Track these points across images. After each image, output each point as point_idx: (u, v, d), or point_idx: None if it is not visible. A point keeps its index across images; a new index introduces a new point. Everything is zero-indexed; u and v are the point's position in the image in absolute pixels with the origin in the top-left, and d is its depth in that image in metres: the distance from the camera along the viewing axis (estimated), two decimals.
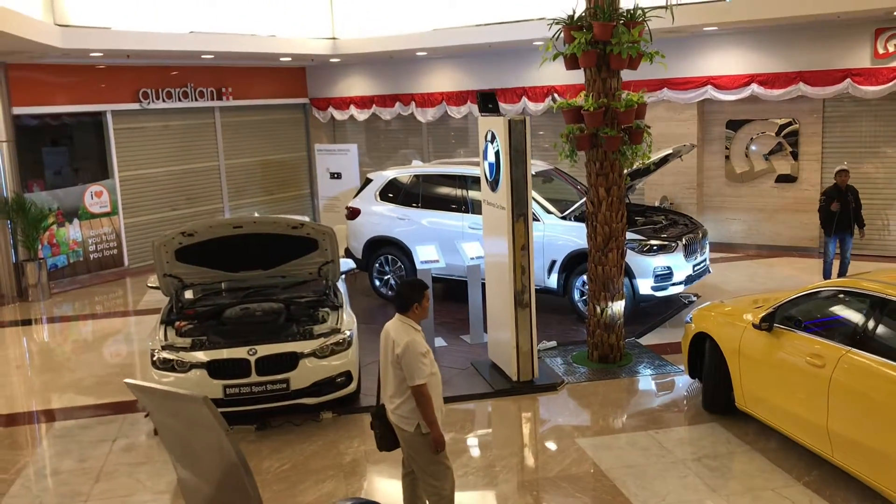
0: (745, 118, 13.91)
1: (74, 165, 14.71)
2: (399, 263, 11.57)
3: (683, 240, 10.04)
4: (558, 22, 8.32)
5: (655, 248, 9.85)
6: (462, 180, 11.28)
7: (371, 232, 11.78)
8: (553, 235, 10.24)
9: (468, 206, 11.11)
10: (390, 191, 11.82)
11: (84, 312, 12.36)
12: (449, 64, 16.39)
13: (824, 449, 5.89)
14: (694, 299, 10.88)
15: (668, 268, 9.84)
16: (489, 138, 8.16)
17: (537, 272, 9.88)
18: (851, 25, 12.37)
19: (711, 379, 7.22)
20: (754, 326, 6.60)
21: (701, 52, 13.68)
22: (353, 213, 12.02)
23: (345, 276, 9.06)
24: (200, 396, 3.63)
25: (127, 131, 15.02)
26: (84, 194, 14.36)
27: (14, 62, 12.89)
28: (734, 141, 14.08)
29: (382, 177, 12.03)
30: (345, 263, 8.88)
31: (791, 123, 13.52)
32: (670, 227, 10.55)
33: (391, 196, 11.78)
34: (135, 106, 14.94)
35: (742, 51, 13.44)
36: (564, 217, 10.37)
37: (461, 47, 14.73)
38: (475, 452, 6.83)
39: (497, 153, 7.95)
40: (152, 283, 8.62)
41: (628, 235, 9.14)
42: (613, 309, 8.58)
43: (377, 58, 16.41)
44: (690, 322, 7.65)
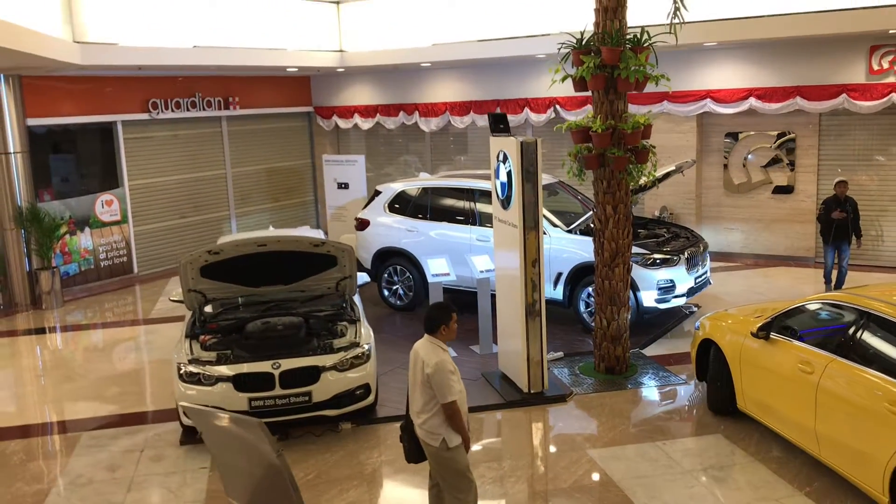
0: (744, 130, 14.25)
1: (85, 175, 14.97)
2: (408, 274, 11.87)
3: (685, 253, 10.37)
4: (568, 46, 8.64)
5: (658, 262, 10.18)
6: (470, 193, 11.59)
7: (380, 243, 12.08)
8: (559, 248, 10.55)
9: (476, 219, 11.41)
10: (399, 203, 12.12)
11: (98, 321, 12.63)
12: (452, 74, 16.69)
13: (813, 448, 6.42)
14: (695, 310, 11.22)
15: (671, 280, 10.17)
16: (501, 158, 8.47)
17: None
18: (847, 42, 12.72)
19: (715, 382, 7.76)
20: (752, 335, 7.14)
21: (700, 67, 14.02)
22: (363, 224, 12.32)
23: (358, 289, 9.36)
24: (256, 421, 3.92)
25: (136, 141, 15.28)
26: (95, 203, 14.62)
27: (29, 74, 13.14)
28: (732, 152, 14.43)
29: (391, 189, 12.33)
30: (360, 277, 9.17)
31: (788, 136, 13.87)
32: (672, 241, 10.87)
33: (400, 208, 12.08)
34: (144, 116, 15.20)
35: (741, 65, 13.79)
36: (570, 231, 10.69)
37: (466, 60, 15.06)
38: (491, 464, 7.13)
39: (509, 173, 8.26)
40: (175, 297, 8.92)
41: (632, 249, 9.46)
42: (620, 322, 8.91)
43: (382, 68, 16.70)
44: (699, 329, 8.14)
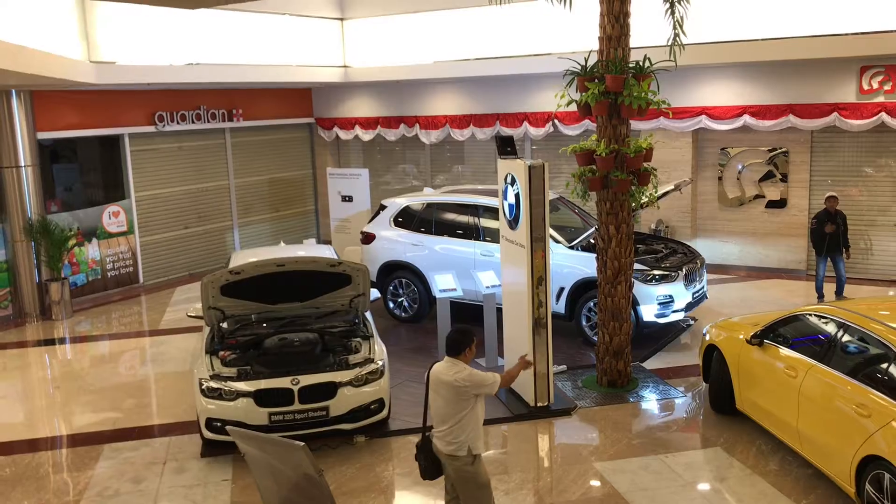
0: (738, 146, 14.64)
1: (93, 186, 15.22)
2: (412, 287, 12.19)
3: (684, 269, 10.73)
4: (572, 72, 8.98)
5: (658, 278, 10.53)
6: (474, 209, 11.91)
7: (385, 256, 12.39)
8: (561, 264, 10.87)
9: (479, 234, 11.74)
10: (404, 217, 12.44)
11: (109, 331, 12.89)
12: (453, 88, 17.02)
13: (796, 445, 7.11)
14: (692, 323, 11.58)
15: (670, 296, 10.52)
16: (509, 181, 8.80)
17: None
18: (838, 63, 13.12)
19: (717, 384, 8.47)
20: (747, 342, 7.90)
21: (696, 84, 14.39)
22: (368, 238, 12.63)
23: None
24: (300, 444, 4.22)
25: (143, 153, 15.54)
26: (102, 214, 14.86)
27: (40, 90, 13.39)
28: (726, 167, 14.81)
29: (396, 204, 12.64)
30: (372, 293, 9.47)
31: (781, 152, 14.27)
32: (670, 256, 11.22)
33: (404, 222, 12.40)
34: (150, 129, 15.46)
35: (735, 83, 14.17)
36: (572, 247, 11.03)
37: (467, 78, 15.42)
38: (501, 476, 7.45)
39: (517, 195, 8.60)
40: (192, 313, 9.23)
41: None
42: (622, 337, 9.25)
43: (384, 82, 17.03)
44: (706, 335, 8.84)
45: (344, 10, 16.60)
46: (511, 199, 8.79)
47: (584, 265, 10.68)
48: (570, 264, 10.85)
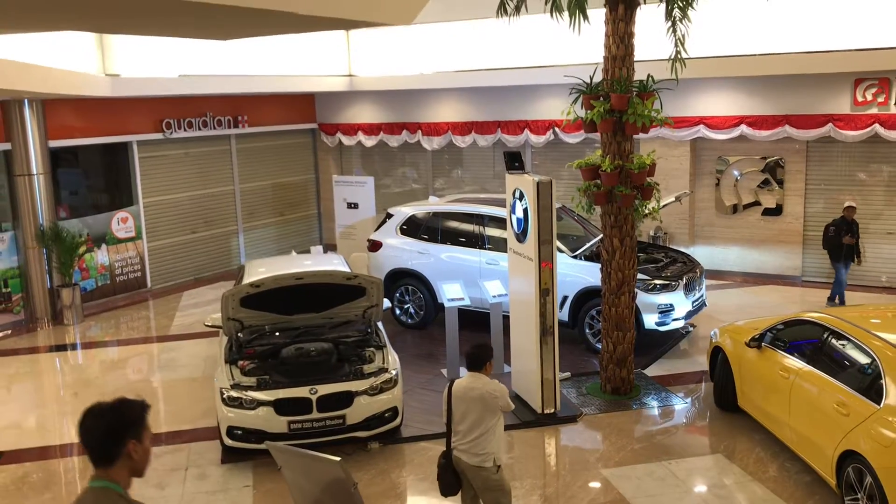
0: (735, 155, 14.98)
1: (102, 193, 15.48)
2: (419, 294, 12.49)
3: (684, 279, 11.06)
4: (579, 90, 9.29)
5: (659, 287, 10.85)
6: (479, 218, 12.22)
7: (392, 264, 12.69)
8: (564, 273, 11.16)
9: (484, 243, 12.04)
10: (409, 226, 12.74)
11: (120, 337, 13.15)
12: (455, 96, 17.30)
13: (787, 440, 7.72)
14: (691, 330, 11.91)
15: (671, 304, 10.85)
16: (517, 196, 9.11)
17: None
18: (833, 75, 13.46)
19: (721, 383, 9.08)
20: (746, 345, 8.45)
21: (695, 95, 14.70)
22: (375, 246, 12.92)
23: None
24: (336, 459, 4.52)
25: (151, 159, 15.79)
26: (111, 220, 15.13)
27: (52, 99, 13.63)
28: (724, 176, 15.15)
29: (402, 213, 12.94)
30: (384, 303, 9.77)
31: (777, 161, 14.62)
32: (671, 265, 11.55)
33: (411, 231, 12.69)
34: (158, 136, 15.71)
35: (733, 94, 14.51)
36: (575, 256, 11.34)
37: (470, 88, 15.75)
38: (513, 482, 7.73)
39: (525, 210, 8.91)
40: (209, 322, 9.53)
41: None
42: (625, 346, 9.58)
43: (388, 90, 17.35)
44: (714, 337, 9.40)
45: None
46: (519, 214, 9.10)
47: (587, 274, 11.00)
48: (574, 273, 11.16)
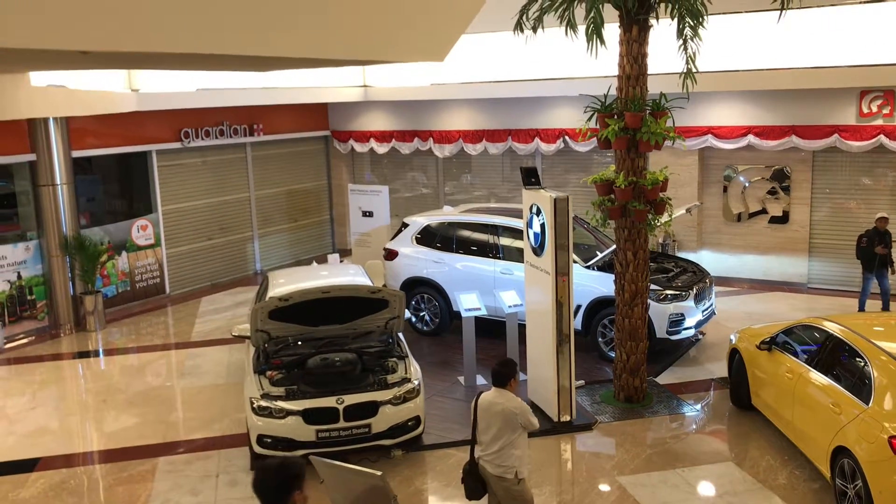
0: (742, 164, 15.28)
1: (122, 201, 15.83)
2: (434, 302, 12.81)
3: (694, 289, 11.37)
4: (593, 109, 9.61)
5: (670, 297, 11.16)
6: (493, 228, 12.53)
7: (407, 272, 13.01)
8: (578, 283, 11.43)
9: (499, 253, 12.36)
10: (425, 235, 13.06)
11: (144, 343, 13.48)
12: (466, 104, 17.61)
13: (790, 436, 8.37)
14: (700, 338, 12.22)
15: (681, 314, 11.16)
16: (534, 211, 9.42)
17: None
18: (839, 88, 13.75)
19: (737, 382, 9.73)
20: (757, 347, 9.11)
21: (703, 105, 15.00)
22: (391, 255, 13.25)
23: None
24: (378, 473, 4.84)
25: (169, 168, 16.13)
26: (131, 228, 15.47)
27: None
28: (731, 184, 15.45)
29: (418, 223, 13.26)
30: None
31: (784, 170, 14.92)
32: (681, 275, 11.85)
33: (426, 240, 13.01)
34: (177, 145, 16.05)
35: (740, 105, 14.81)
36: (589, 266, 11.66)
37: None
38: (533, 490, 8.05)
39: (542, 225, 9.22)
40: (237, 332, 9.86)
41: None
42: (638, 356, 9.89)
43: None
44: (733, 340, 9.99)
45: None
46: (536, 228, 9.42)
47: (600, 284, 11.32)
48: (587, 283, 11.46)
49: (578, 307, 11.52)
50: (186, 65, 5.30)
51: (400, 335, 9.78)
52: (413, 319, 13.04)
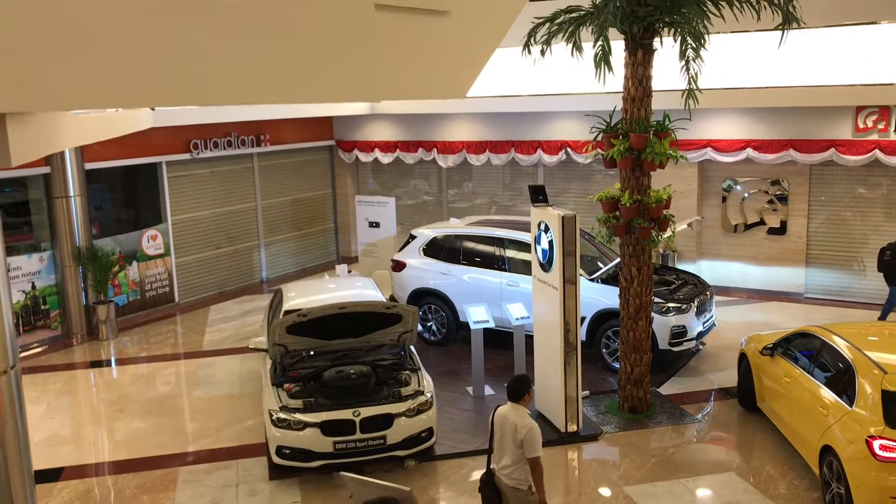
0: (741, 176, 15.63)
1: (133, 211, 16.11)
2: (441, 312, 13.12)
3: (696, 301, 11.69)
4: (599, 129, 9.93)
5: (673, 310, 11.49)
6: (499, 241, 12.84)
7: (415, 284, 13.32)
8: (582, 295, 11.75)
9: (505, 265, 12.67)
10: (432, 247, 13.36)
11: (156, 353, 13.75)
12: (470, 116, 17.93)
13: (788, 436, 8.92)
14: (701, 348, 12.54)
15: (683, 326, 11.49)
16: (543, 228, 9.74)
17: None
18: (836, 104, 14.12)
19: (744, 385, 10.30)
20: (760, 353, 9.65)
21: (703, 118, 15.30)
22: (399, 266, 13.55)
23: None
24: (407, 489, 5.14)
25: (178, 179, 16.42)
26: (142, 238, 15.75)
27: None
28: (730, 196, 15.80)
29: (425, 235, 13.56)
30: None
31: (781, 182, 15.27)
32: (682, 287, 12.18)
33: (433, 252, 13.32)
34: (186, 156, 16.34)
35: (739, 119, 15.15)
36: (593, 279, 11.98)
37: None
38: None
39: (551, 242, 9.54)
40: (254, 345, 10.15)
41: None
42: (642, 368, 10.21)
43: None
44: (742, 344, 10.53)
45: None
46: (545, 245, 9.73)
47: (604, 297, 11.64)
48: (591, 296, 11.77)
49: (583, 319, 11.83)
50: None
51: (412, 348, 10.09)
52: (420, 329, 13.34)
